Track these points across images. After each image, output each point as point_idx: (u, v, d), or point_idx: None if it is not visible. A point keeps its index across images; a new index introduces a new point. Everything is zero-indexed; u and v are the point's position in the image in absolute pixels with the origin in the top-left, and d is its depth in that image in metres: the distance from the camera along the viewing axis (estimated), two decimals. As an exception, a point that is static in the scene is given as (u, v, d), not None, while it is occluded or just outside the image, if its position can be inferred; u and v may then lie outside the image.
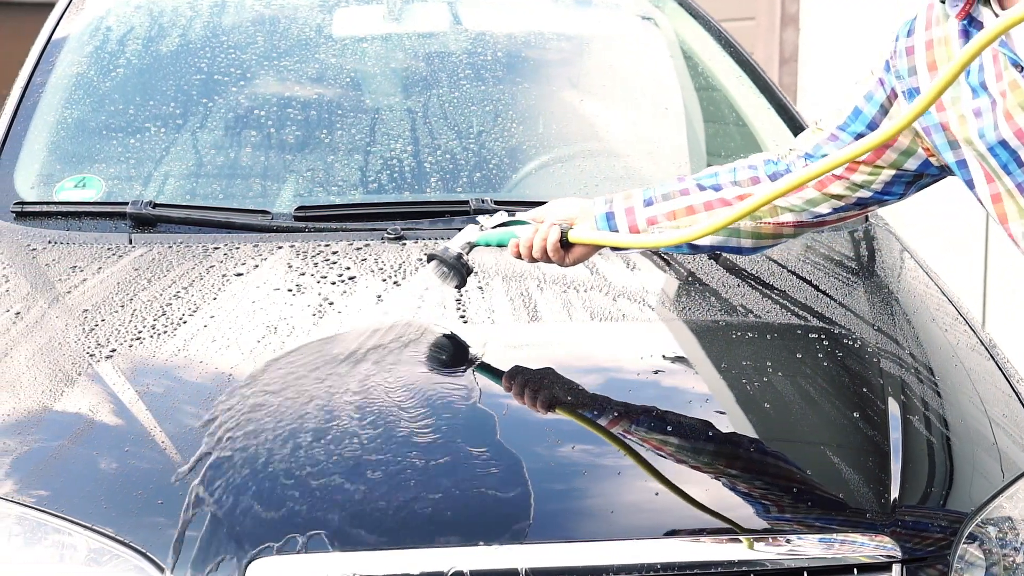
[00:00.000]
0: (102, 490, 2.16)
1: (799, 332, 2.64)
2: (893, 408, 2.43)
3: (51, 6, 3.62)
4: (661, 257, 2.86)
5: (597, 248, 2.47)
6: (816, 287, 2.79)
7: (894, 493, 2.25)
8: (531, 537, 2.10)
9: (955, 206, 6.33)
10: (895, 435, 2.36)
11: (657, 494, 2.19)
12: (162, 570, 2.06)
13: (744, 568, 2.11)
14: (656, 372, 2.48)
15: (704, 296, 2.71)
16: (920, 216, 6.61)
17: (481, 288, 2.67)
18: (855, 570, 2.16)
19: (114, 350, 2.46)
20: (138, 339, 2.50)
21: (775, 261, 2.88)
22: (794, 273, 2.84)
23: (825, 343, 2.60)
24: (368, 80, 3.34)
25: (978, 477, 2.37)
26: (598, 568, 2.08)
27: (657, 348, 2.58)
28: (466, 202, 2.99)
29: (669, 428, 2.33)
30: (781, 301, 2.73)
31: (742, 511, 2.18)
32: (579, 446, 2.28)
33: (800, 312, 2.69)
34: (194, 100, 3.26)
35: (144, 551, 2.08)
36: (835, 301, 2.75)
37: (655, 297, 2.75)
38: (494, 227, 2.57)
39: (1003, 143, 2.10)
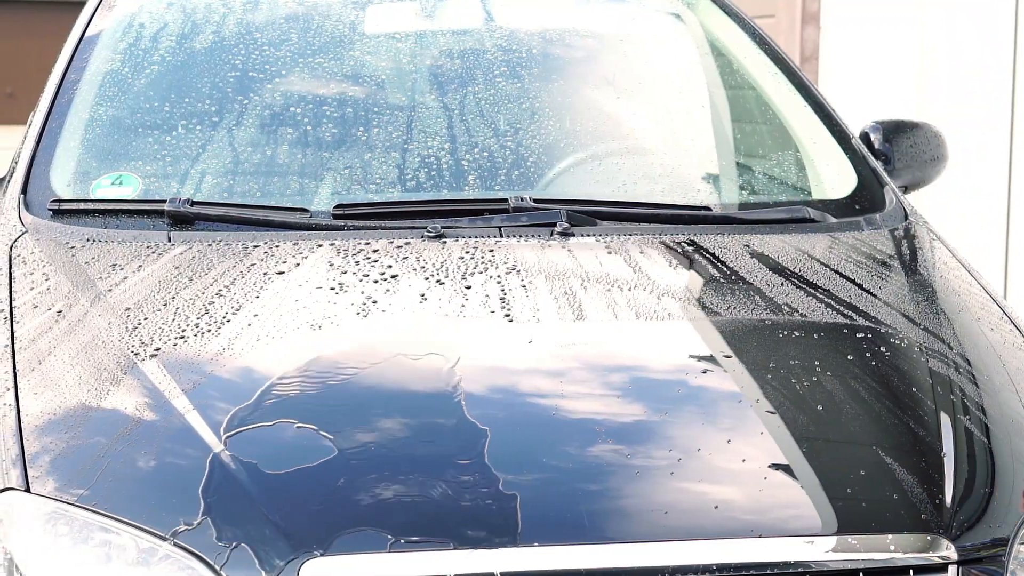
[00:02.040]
0: (150, 489, 2.15)
1: (845, 331, 2.62)
2: (944, 408, 2.41)
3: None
4: (702, 256, 2.84)
5: None
6: (860, 286, 2.77)
7: (948, 494, 2.24)
8: (583, 538, 2.09)
9: (974, 204, 6.33)
10: (947, 436, 2.35)
11: (708, 495, 2.18)
12: (215, 571, 2.05)
13: (799, 569, 2.10)
14: (704, 372, 2.46)
15: (748, 295, 2.69)
16: (938, 214, 6.60)
17: (524, 287, 2.65)
18: (911, 571, 2.14)
19: (158, 349, 2.45)
20: (182, 338, 2.48)
21: (817, 259, 2.87)
22: (837, 271, 2.82)
23: (872, 342, 2.59)
24: (403, 77, 3.32)
25: None
26: (651, 569, 2.07)
27: (703, 347, 2.56)
28: (505, 200, 2.98)
29: (718, 428, 2.31)
30: (826, 300, 2.71)
31: (795, 511, 2.17)
32: (628, 447, 2.25)
33: (845, 311, 2.68)
34: (229, 97, 3.24)
35: (196, 551, 2.07)
36: (879, 300, 2.73)
37: (698, 296, 2.73)
38: None
39: None
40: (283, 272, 2.70)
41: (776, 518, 2.15)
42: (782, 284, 2.74)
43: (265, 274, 2.69)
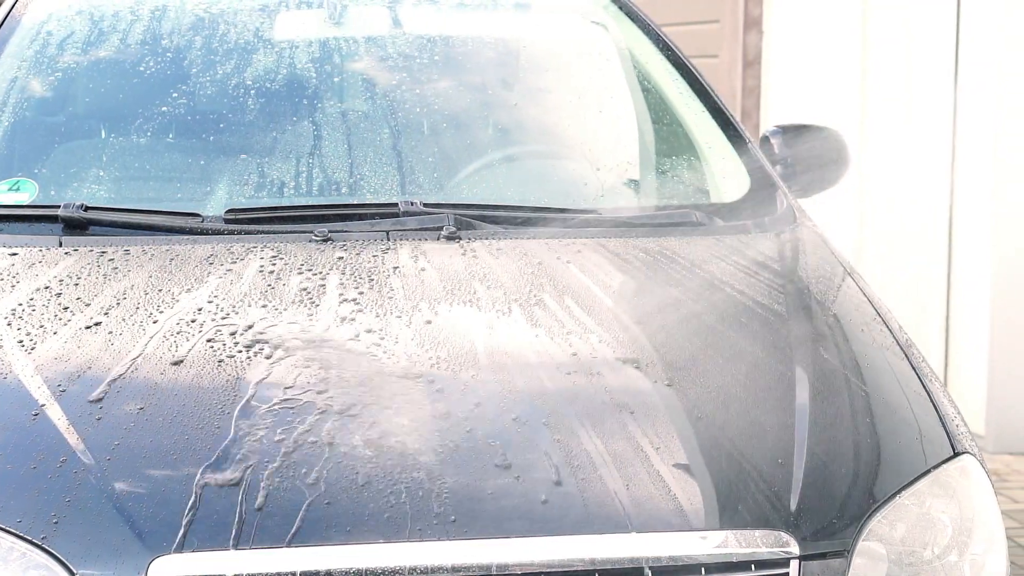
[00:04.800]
0: (7, 488, 2.19)
1: (711, 330, 2.66)
2: (800, 402, 2.45)
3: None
4: (579, 258, 2.88)
5: None
6: (733, 287, 2.81)
7: (795, 489, 2.27)
8: (447, 536, 2.11)
9: (917, 206, 6.37)
10: (800, 429, 2.38)
11: (551, 490, 2.19)
12: (69, 570, 2.09)
13: (640, 565, 2.13)
14: (568, 373, 2.47)
15: (617, 296, 2.74)
16: (880, 216, 6.65)
17: (372, 283, 2.69)
18: (752, 566, 2.18)
19: (33, 349, 2.49)
20: (56, 339, 2.52)
21: (694, 262, 2.91)
22: (713, 273, 2.86)
23: (738, 338, 2.63)
24: (305, 83, 3.37)
25: (882, 474, 2.39)
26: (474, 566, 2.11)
27: (563, 348, 2.54)
28: (395, 204, 3.02)
29: (576, 425, 2.32)
30: (696, 301, 2.75)
31: (637, 506, 2.18)
32: (486, 443, 2.28)
33: (714, 311, 2.72)
34: (133, 104, 3.29)
35: (52, 551, 2.11)
36: (753, 300, 2.78)
37: (568, 297, 2.71)
38: None
39: None
40: (167, 275, 2.75)
41: (617, 512, 2.16)
42: (655, 286, 2.79)
43: (150, 276, 2.74)
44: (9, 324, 2.57)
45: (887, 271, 6.57)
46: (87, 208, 2.97)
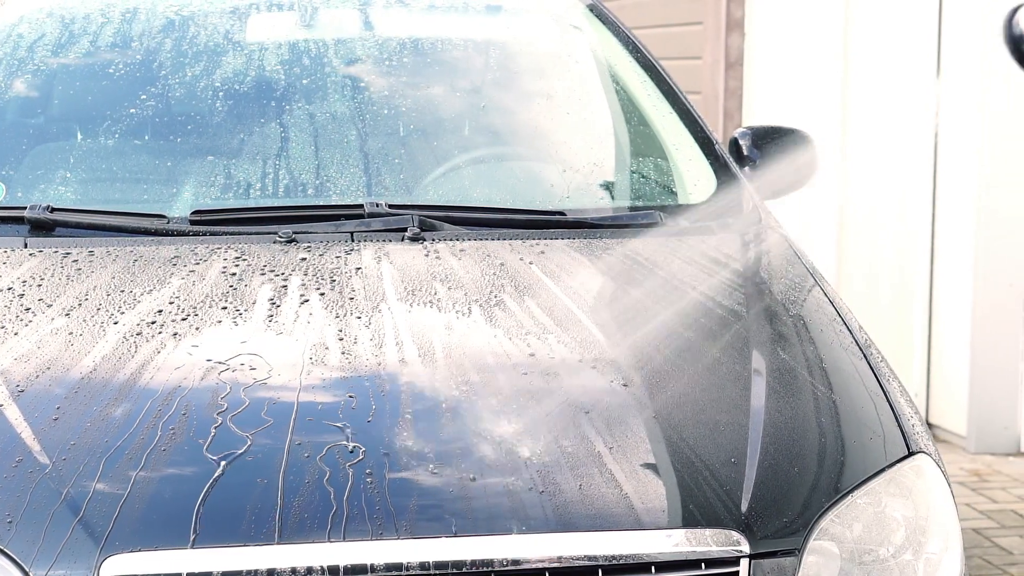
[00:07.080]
0: None
1: (672, 328, 2.67)
2: (756, 402, 2.46)
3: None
4: (541, 259, 2.89)
5: None
6: (698, 287, 2.82)
7: (747, 488, 2.28)
8: (398, 533, 2.13)
9: (899, 206, 6.39)
10: (754, 429, 2.39)
11: (504, 489, 2.20)
12: (23, 569, 2.10)
13: (588, 563, 2.14)
14: (524, 374, 2.48)
15: (578, 296, 2.75)
16: (864, 216, 6.66)
17: (334, 284, 2.71)
18: (702, 565, 2.19)
19: None
20: (16, 340, 2.53)
21: (656, 262, 2.92)
22: (679, 274, 2.87)
23: (697, 339, 2.64)
24: (274, 86, 3.38)
25: (837, 473, 2.40)
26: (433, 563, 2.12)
27: (521, 348, 2.55)
28: (360, 206, 3.04)
29: (526, 424, 2.34)
30: (662, 302, 2.76)
31: (588, 505, 2.19)
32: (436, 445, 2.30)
33: (677, 308, 2.73)
34: (102, 106, 3.31)
35: (4, 549, 2.12)
36: (714, 300, 2.79)
37: (528, 298, 2.72)
38: None
39: None
40: (131, 277, 2.76)
41: (564, 510, 2.17)
42: (617, 287, 2.80)
43: (113, 278, 2.75)
44: None
45: (869, 272, 6.58)
46: (53, 209, 2.99)
